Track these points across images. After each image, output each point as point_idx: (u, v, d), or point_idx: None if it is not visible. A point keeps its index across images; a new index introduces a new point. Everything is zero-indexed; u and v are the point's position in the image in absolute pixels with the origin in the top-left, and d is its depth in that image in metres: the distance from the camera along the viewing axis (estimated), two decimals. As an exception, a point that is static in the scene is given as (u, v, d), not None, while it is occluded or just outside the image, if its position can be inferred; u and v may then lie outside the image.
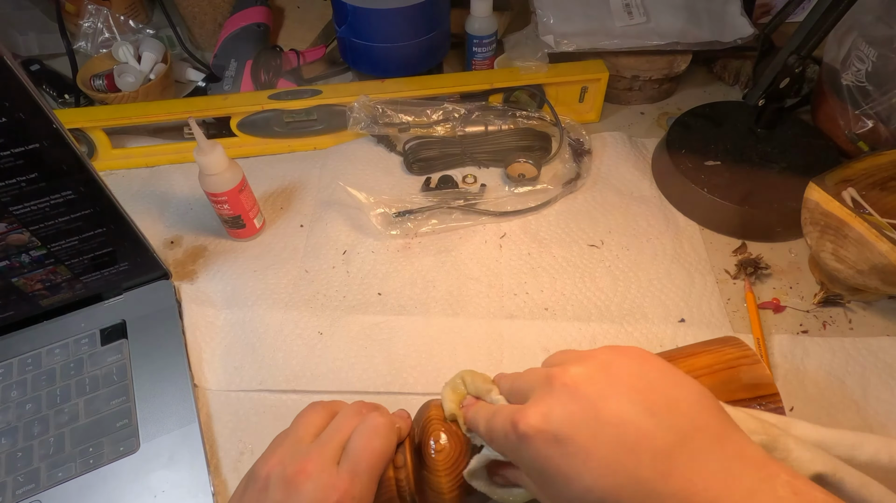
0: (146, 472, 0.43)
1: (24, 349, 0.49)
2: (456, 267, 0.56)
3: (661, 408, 0.26)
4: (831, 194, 0.48)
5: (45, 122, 0.39)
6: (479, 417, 0.32)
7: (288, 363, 0.50)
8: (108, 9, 0.80)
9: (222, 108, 0.65)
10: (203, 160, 0.52)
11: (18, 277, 0.46)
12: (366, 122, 0.64)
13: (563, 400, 0.27)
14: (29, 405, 0.46)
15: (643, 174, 0.64)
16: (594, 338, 0.50)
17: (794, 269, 0.56)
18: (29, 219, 0.43)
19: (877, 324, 0.51)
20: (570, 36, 0.69)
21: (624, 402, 0.26)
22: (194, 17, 0.79)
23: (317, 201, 0.63)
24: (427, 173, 0.64)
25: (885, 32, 0.55)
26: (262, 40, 0.76)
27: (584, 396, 0.27)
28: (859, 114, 0.58)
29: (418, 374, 0.49)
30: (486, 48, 0.73)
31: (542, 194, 0.61)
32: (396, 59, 0.69)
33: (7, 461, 0.43)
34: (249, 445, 0.45)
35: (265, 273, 0.56)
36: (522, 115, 0.66)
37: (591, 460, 0.25)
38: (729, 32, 0.69)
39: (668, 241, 0.58)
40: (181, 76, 0.78)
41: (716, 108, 0.66)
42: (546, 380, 0.29)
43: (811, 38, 0.52)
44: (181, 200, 0.64)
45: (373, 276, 0.56)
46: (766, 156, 0.60)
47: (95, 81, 0.71)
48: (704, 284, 0.54)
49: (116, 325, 0.51)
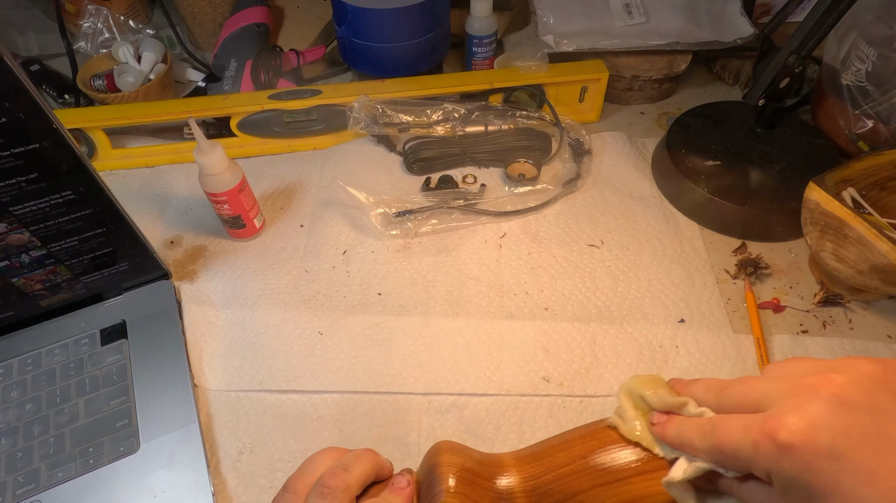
0: (146, 472, 0.43)
1: (24, 349, 0.49)
2: (456, 267, 0.56)
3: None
4: (831, 194, 0.48)
5: (45, 123, 0.39)
6: (690, 433, 0.29)
7: (288, 363, 0.50)
8: (107, 9, 0.80)
9: (222, 108, 0.65)
10: (203, 160, 0.52)
11: (18, 277, 0.47)
12: (366, 122, 0.64)
13: (833, 409, 0.25)
14: (29, 405, 0.46)
15: (643, 174, 0.64)
16: (594, 338, 0.50)
17: (794, 269, 0.56)
18: (29, 219, 0.43)
19: (877, 323, 0.51)
20: (569, 36, 0.69)
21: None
22: (194, 17, 0.79)
23: (317, 201, 0.63)
24: (427, 173, 0.65)
25: (885, 32, 0.55)
26: (262, 40, 0.76)
27: (862, 407, 0.24)
28: (859, 113, 0.58)
29: (418, 374, 0.49)
30: (486, 48, 0.73)
31: (542, 194, 0.61)
32: (396, 59, 0.69)
33: (7, 461, 0.43)
34: (249, 445, 0.45)
35: (265, 273, 0.56)
36: (522, 114, 0.66)
37: (879, 481, 0.23)
38: (729, 32, 0.69)
39: (668, 240, 0.58)
40: (181, 76, 0.78)
41: (716, 108, 0.66)
42: (801, 388, 0.26)
43: (811, 37, 0.52)
44: (181, 200, 0.64)
45: (373, 276, 0.56)
46: (766, 155, 0.60)
47: (95, 81, 0.71)
48: (704, 284, 0.54)
49: (116, 325, 0.51)
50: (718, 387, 0.30)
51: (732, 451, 0.27)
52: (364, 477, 0.34)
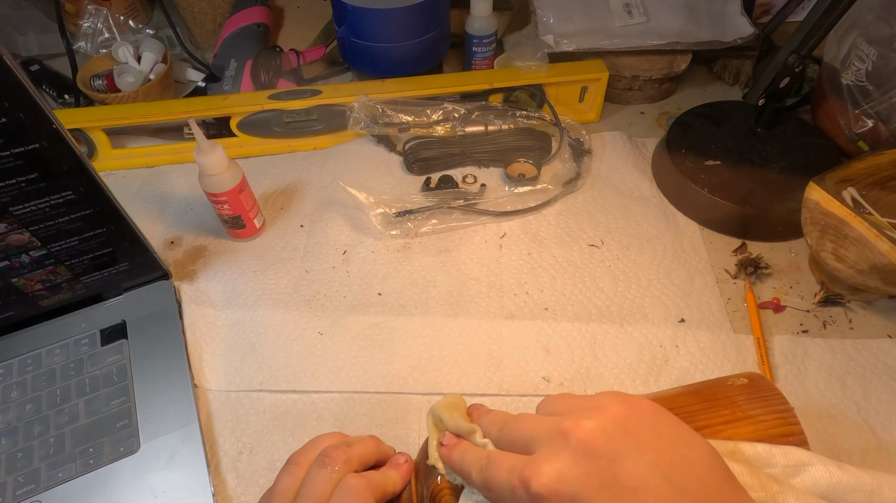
0: (146, 472, 0.43)
1: (25, 349, 0.49)
2: (456, 267, 0.56)
3: (677, 470, 0.25)
4: (831, 194, 0.48)
5: (44, 123, 0.39)
6: (470, 463, 0.31)
7: (288, 363, 0.50)
8: (107, 9, 0.80)
9: (222, 108, 0.65)
10: (203, 160, 0.52)
11: (18, 278, 0.47)
12: (366, 122, 0.64)
13: (579, 458, 0.26)
14: (29, 405, 0.46)
15: (643, 174, 0.64)
16: (594, 338, 0.50)
17: (795, 269, 0.56)
18: (29, 219, 0.43)
19: (877, 323, 0.51)
20: (570, 36, 0.69)
21: (642, 464, 0.25)
22: (194, 17, 0.79)
23: (317, 201, 0.63)
24: (427, 173, 0.64)
25: (886, 32, 0.55)
26: (261, 40, 0.76)
27: (601, 455, 0.26)
28: (859, 113, 0.58)
29: (418, 374, 0.49)
30: (486, 48, 0.73)
31: (542, 194, 0.61)
32: (396, 58, 0.69)
33: (7, 461, 0.43)
34: (249, 445, 0.45)
35: (265, 273, 0.56)
36: (522, 114, 0.66)
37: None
38: (729, 32, 0.69)
39: (668, 240, 0.58)
40: (181, 76, 0.78)
41: (716, 108, 0.66)
42: (557, 433, 0.27)
43: (811, 37, 0.51)
44: (181, 200, 0.64)
45: (373, 276, 0.56)
46: (766, 155, 0.60)
47: (95, 81, 0.71)
48: (704, 284, 0.54)
49: (116, 326, 0.51)
50: (501, 422, 0.32)
51: (497, 491, 0.28)
52: (365, 455, 0.35)
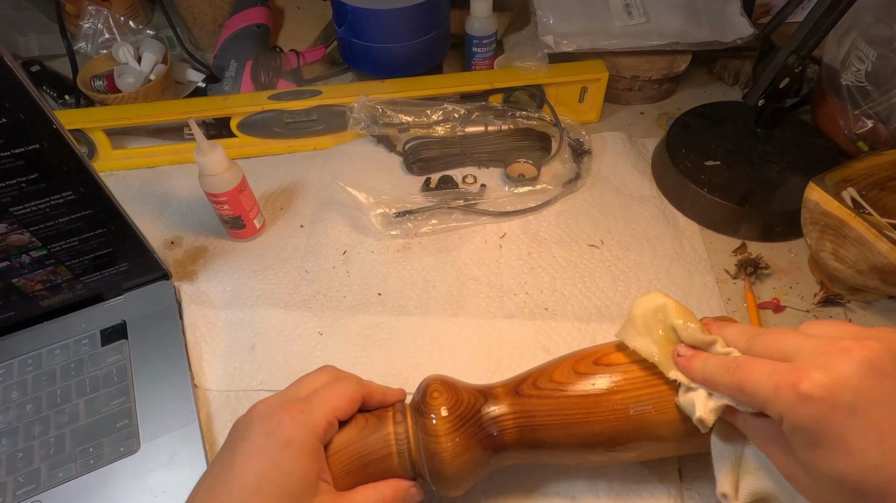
0: (146, 473, 0.43)
1: (25, 350, 0.49)
2: (456, 267, 0.56)
3: None
4: (831, 194, 0.48)
5: (45, 123, 0.39)
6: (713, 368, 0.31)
7: (288, 363, 0.50)
8: (108, 10, 0.80)
9: (222, 108, 0.65)
10: (203, 161, 0.52)
11: (19, 278, 0.47)
12: (366, 123, 0.64)
13: (863, 372, 0.26)
14: (29, 405, 0.46)
15: (643, 174, 0.64)
16: (594, 338, 0.50)
17: (794, 269, 0.56)
18: (29, 219, 0.43)
19: (876, 324, 0.51)
20: (569, 36, 0.69)
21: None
22: (194, 17, 0.79)
23: (317, 201, 0.63)
24: (427, 173, 0.65)
25: (885, 32, 0.55)
26: (261, 41, 0.76)
27: (888, 375, 0.26)
28: (859, 114, 0.58)
29: (418, 374, 0.48)
30: (486, 48, 0.73)
31: (542, 194, 0.61)
32: (396, 59, 0.69)
33: (7, 461, 0.43)
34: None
35: (265, 273, 0.56)
36: (522, 115, 0.66)
37: (885, 441, 0.25)
38: (729, 32, 0.69)
39: (668, 241, 0.58)
40: (181, 77, 0.78)
41: (715, 108, 0.66)
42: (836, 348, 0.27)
43: (811, 37, 0.52)
44: (181, 201, 0.64)
45: (373, 277, 0.56)
46: (765, 156, 0.60)
47: (96, 82, 0.71)
48: (704, 284, 0.54)
49: (117, 326, 0.51)
50: (752, 332, 0.32)
51: (751, 390, 0.29)
52: (330, 413, 0.35)
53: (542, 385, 0.37)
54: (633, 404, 0.35)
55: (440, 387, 0.37)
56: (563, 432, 0.36)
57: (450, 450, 0.35)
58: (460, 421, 0.35)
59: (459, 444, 0.35)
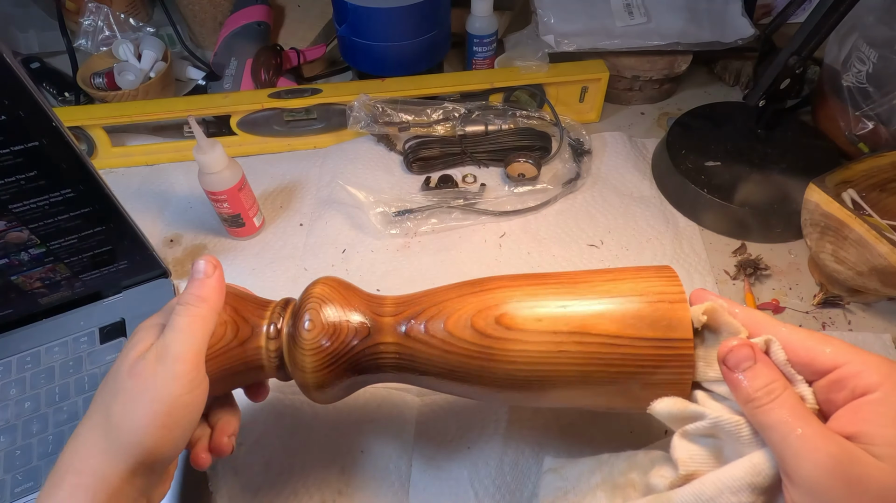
0: (145, 471, 0.43)
1: (24, 347, 0.49)
2: (455, 266, 0.56)
3: None
4: (831, 195, 0.48)
5: (44, 120, 0.39)
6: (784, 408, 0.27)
7: (287, 362, 0.49)
8: (108, 7, 0.80)
9: (222, 106, 0.65)
10: (203, 159, 0.52)
11: (18, 275, 0.46)
12: (366, 121, 0.64)
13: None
14: (28, 403, 0.46)
15: (643, 174, 0.64)
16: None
17: (794, 270, 0.56)
18: (28, 217, 0.43)
19: (876, 325, 0.51)
20: (570, 36, 0.69)
21: None
22: (195, 15, 0.79)
23: (316, 200, 0.63)
24: (427, 172, 0.64)
25: (886, 34, 0.55)
26: (262, 39, 0.76)
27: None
28: (860, 115, 0.58)
29: (417, 374, 0.48)
30: (487, 47, 0.73)
31: (542, 194, 0.61)
32: (396, 58, 0.69)
33: (6, 459, 0.43)
34: (247, 444, 0.45)
35: (264, 271, 0.56)
36: (522, 114, 0.66)
37: None
38: (730, 33, 0.69)
39: (667, 241, 0.58)
40: (181, 74, 0.78)
41: (716, 109, 0.66)
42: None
43: (812, 39, 0.52)
44: (181, 199, 0.64)
45: (372, 275, 0.56)
46: (766, 156, 0.60)
47: (95, 79, 0.71)
48: (704, 285, 0.54)
49: (116, 324, 0.51)
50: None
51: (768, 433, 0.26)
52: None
53: (433, 331, 0.33)
54: (532, 376, 0.32)
55: (317, 315, 0.34)
56: (447, 380, 0.34)
57: (318, 382, 0.34)
58: (332, 357, 0.33)
59: (330, 374, 0.34)
